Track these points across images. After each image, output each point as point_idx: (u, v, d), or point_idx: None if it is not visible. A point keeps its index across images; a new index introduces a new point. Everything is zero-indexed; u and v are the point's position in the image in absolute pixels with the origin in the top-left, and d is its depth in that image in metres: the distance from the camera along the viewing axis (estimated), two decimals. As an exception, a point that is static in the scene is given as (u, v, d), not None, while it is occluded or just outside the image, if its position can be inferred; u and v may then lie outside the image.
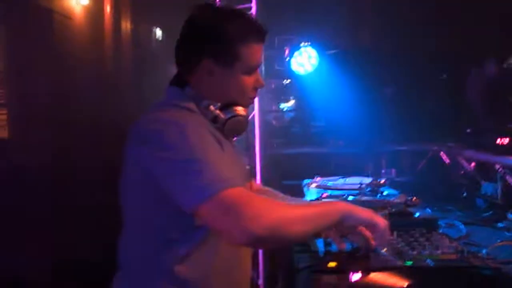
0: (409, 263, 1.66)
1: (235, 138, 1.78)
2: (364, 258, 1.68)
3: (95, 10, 5.31)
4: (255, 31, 1.57)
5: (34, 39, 4.16)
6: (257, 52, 1.58)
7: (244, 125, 1.61)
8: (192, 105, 1.54)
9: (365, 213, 1.53)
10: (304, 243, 2.16)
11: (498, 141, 3.07)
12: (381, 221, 1.55)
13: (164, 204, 1.39)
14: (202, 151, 1.35)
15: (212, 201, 1.29)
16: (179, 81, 1.61)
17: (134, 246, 1.52)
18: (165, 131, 1.38)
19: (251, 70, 1.58)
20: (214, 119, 1.54)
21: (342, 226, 1.56)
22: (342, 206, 1.50)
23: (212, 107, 1.54)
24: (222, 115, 1.54)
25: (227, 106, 1.55)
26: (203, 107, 1.54)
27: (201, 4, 1.62)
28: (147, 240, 1.48)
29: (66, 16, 4.74)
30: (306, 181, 3.10)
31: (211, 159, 1.34)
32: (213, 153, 1.38)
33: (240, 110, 1.57)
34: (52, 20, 4.49)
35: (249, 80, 1.59)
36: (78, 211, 3.84)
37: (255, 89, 1.62)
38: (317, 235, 2.04)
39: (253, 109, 4.08)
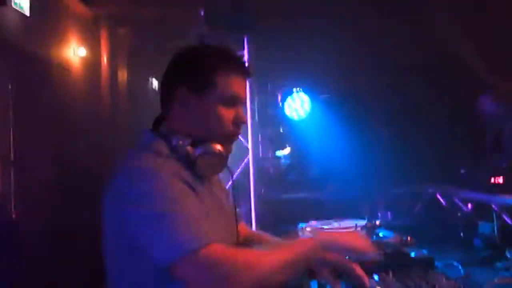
0: (406, 303, 1.63)
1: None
2: (359, 298, 1.65)
3: (93, 61, 5.41)
4: (234, 62, 1.50)
5: (34, 90, 4.21)
6: (236, 83, 1.49)
7: (220, 161, 1.47)
8: (162, 147, 1.45)
9: (343, 239, 1.47)
10: (299, 287, 2.12)
11: (492, 180, 3.07)
12: (361, 240, 1.51)
13: (139, 258, 1.34)
14: (175, 204, 1.30)
15: (188, 259, 1.25)
16: (156, 123, 1.54)
17: None
18: (136, 184, 1.33)
19: (229, 101, 1.48)
20: (187, 157, 1.43)
21: (330, 261, 1.52)
22: (319, 237, 1.46)
23: (181, 143, 1.44)
24: (192, 152, 1.43)
25: (199, 142, 1.45)
26: (174, 145, 1.45)
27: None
28: None
29: (65, 68, 4.82)
30: (301, 225, 3.06)
31: (184, 213, 1.30)
32: (186, 205, 1.32)
33: (213, 146, 1.45)
34: (51, 71, 4.56)
35: (227, 112, 1.48)
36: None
37: (236, 124, 1.51)
38: (311, 276, 2.01)
39: (247, 155, 4.09)
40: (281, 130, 5.54)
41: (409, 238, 2.24)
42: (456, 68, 4.08)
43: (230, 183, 1.80)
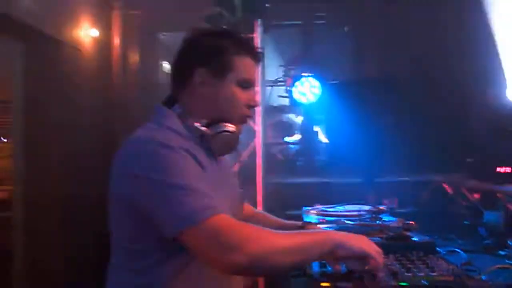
0: (403, 284, 1.64)
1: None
2: (358, 279, 1.67)
3: (104, 42, 5.42)
4: (249, 46, 1.58)
5: (44, 69, 4.24)
6: (251, 67, 1.57)
7: (234, 141, 1.55)
8: (176, 124, 1.51)
9: (359, 244, 1.47)
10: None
11: (500, 169, 3.06)
12: (374, 251, 1.50)
13: (144, 227, 1.37)
14: (183, 175, 1.32)
15: (195, 229, 1.27)
16: (168, 102, 1.60)
17: (120, 267, 1.49)
18: (145, 155, 1.36)
19: (244, 84, 1.56)
20: (201, 137, 1.50)
21: (335, 256, 1.52)
22: (335, 236, 1.44)
23: (197, 124, 1.50)
24: (208, 132, 1.50)
25: (214, 123, 1.51)
26: (189, 125, 1.51)
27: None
28: (132, 261, 1.45)
29: (76, 48, 4.84)
30: (305, 208, 3.08)
31: (192, 184, 1.32)
32: (194, 177, 1.35)
33: (228, 126, 1.52)
34: (62, 51, 4.58)
35: (241, 94, 1.56)
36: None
37: (249, 107, 1.59)
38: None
39: (254, 140, 4.08)
40: (290, 116, 5.56)
41: (412, 223, 2.25)
42: (468, 56, 4.05)
43: (237, 164, 1.84)
